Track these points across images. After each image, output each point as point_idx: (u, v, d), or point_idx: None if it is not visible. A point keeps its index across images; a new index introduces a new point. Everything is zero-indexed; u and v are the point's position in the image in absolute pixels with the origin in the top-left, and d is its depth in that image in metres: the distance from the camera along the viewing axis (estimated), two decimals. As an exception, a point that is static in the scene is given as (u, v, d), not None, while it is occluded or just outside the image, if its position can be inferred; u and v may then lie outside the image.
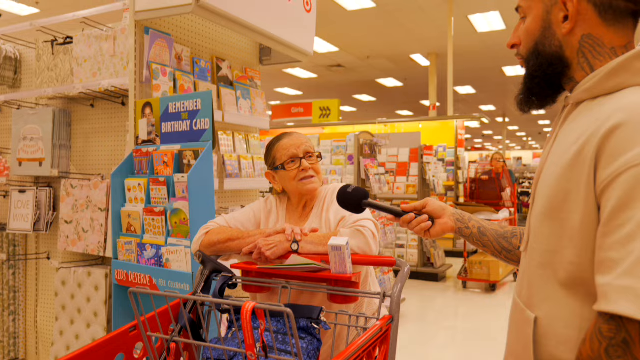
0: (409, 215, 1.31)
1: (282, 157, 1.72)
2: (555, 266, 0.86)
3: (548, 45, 0.94)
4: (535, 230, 0.91)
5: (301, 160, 1.70)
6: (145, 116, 2.18)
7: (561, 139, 0.91)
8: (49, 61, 2.97)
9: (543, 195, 0.89)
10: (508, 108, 20.64)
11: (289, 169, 1.70)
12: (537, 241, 0.90)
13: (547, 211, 0.88)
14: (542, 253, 0.89)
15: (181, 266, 1.92)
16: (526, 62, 0.99)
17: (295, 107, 14.20)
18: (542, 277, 0.89)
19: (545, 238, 0.88)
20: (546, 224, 0.88)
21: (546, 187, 0.89)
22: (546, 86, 0.96)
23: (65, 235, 2.88)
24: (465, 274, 6.50)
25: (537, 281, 0.90)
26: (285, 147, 1.73)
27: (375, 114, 21.58)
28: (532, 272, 0.92)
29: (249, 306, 1.03)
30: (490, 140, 34.32)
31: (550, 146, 0.94)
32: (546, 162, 0.93)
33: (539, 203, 0.91)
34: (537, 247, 0.91)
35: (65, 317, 2.86)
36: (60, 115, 2.95)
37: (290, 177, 1.71)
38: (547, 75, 0.95)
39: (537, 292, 0.90)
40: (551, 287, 0.87)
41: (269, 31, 2.57)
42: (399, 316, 1.27)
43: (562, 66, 0.94)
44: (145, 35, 2.23)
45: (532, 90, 0.98)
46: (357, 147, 4.90)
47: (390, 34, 10.55)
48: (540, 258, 0.90)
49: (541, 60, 0.95)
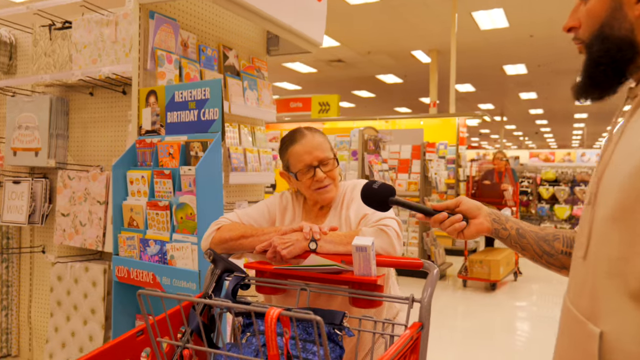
0: (441, 214, 1.21)
1: (295, 165, 1.59)
2: (625, 276, 0.76)
3: (617, 29, 0.84)
4: (601, 235, 0.81)
5: (315, 170, 1.57)
6: (149, 105, 2.06)
7: (631, 135, 0.81)
8: (46, 46, 2.84)
9: (611, 196, 0.79)
10: (506, 107, 20.59)
11: (302, 179, 1.58)
12: (604, 247, 0.81)
13: (617, 214, 0.78)
14: (610, 261, 0.79)
15: (187, 264, 1.81)
16: (588, 47, 0.89)
17: (294, 102, 14.07)
18: (610, 288, 0.79)
19: (614, 244, 0.78)
20: (616, 228, 0.78)
21: (615, 187, 0.79)
22: (612, 74, 0.86)
23: (62, 228, 2.76)
24: (465, 273, 6.43)
25: (604, 292, 0.80)
26: (299, 154, 1.58)
27: (373, 110, 21.47)
28: (596, 282, 0.82)
29: (274, 313, 0.93)
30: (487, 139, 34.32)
31: (615, 143, 0.84)
32: (611, 159, 0.83)
33: (605, 205, 0.81)
34: (603, 254, 0.81)
35: (60, 314, 2.75)
36: (58, 103, 2.83)
37: (304, 185, 1.60)
38: (615, 62, 0.85)
39: (603, 305, 0.80)
40: (620, 299, 0.77)
41: (278, 18, 2.46)
42: (429, 323, 1.17)
43: (632, 52, 0.84)
44: (150, 19, 2.12)
45: (596, 78, 0.87)
46: (362, 142, 4.80)
47: (392, 30, 10.43)
48: (607, 267, 0.80)
49: (608, 44, 0.85)
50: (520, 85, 15.93)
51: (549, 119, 23.90)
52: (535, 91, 16.88)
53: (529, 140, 35.92)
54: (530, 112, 21.62)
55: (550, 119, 23.84)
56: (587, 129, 27.27)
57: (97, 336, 2.58)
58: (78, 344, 2.66)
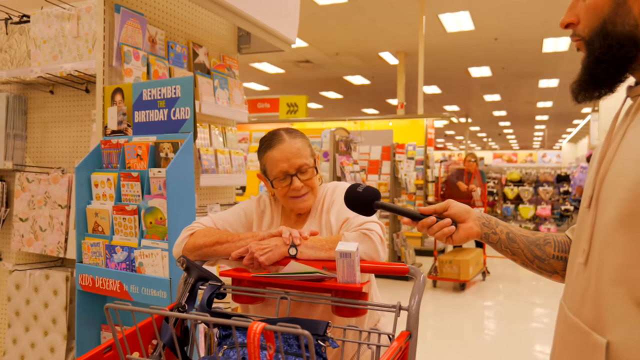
0: (429, 218, 1.16)
1: (271, 171, 1.51)
2: (632, 283, 0.73)
3: (620, 24, 0.81)
4: (606, 241, 0.78)
5: (292, 179, 1.50)
6: (115, 104, 1.95)
7: (634, 137, 0.77)
8: (3, 42, 2.67)
9: (617, 200, 0.76)
10: (471, 109, 20.99)
11: (278, 186, 1.51)
12: (609, 253, 0.77)
13: (623, 218, 0.74)
14: (615, 267, 0.76)
15: (157, 271, 1.71)
16: (588, 43, 0.85)
17: (262, 103, 13.96)
18: (616, 296, 0.75)
19: (620, 250, 0.75)
20: (621, 233, 0.75)
21: (621, 190, 0.75)
22: (614, 72, 0.83)
23: (20, 234, 2.60)
24: (435, 273, 6.47)
25: (609, 300, 0.76)
26: (275, 160, 1.50)
27: (341, 111, 21.51)
28: (600, 290, 0.78)
29: (258, 328, 0.86)
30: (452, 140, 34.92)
31: (617, 144, 0.81)
32: (613, 162, 0.79)
33: (610, 209, 0.77)
34: (608, 260, 0.77)
35: (19, 324, 2.59)
36: (15, 101, 2.67)
37: (280, 193, 1.53)
38: (617, 60, 0.81)
39: (609, 313, 0.76)
40: (627, 308, 0.74)
41: (250, 14, 2.38)
42: (417, 332, 1.12)
43: (636, 49, 0.81)
44: (116, 13, 2.01)
45: (597, 76, 0.84)
46: (333, 143, 4.75)
47: (360, 31, 10.45)
48: (612, 273, 0.76)
49: (610, 41, 0.81)
50: (484, 88, 16.25)
51: (511, 121, 24.50)
52: (499, 93, 17.26)
53: (492, 141, 36.74)
54: (494, 114, 22.11)
55: (513, 121, 24.45)
56: (547, 131, 28.12)
57: (59, 347, 2.44)
58: (38, 356, 2.51)
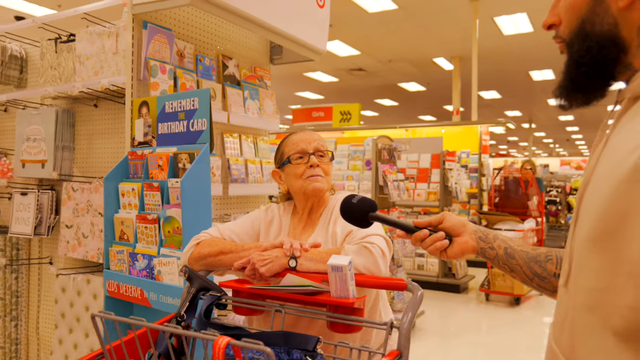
0: (422, 232, 1.11)
1: (290, 151, 1.58)
2: (607, 310, 0.65)
3: (599, 24, 0.74)
4: (580, 261, 0.71)
5: (310, 156, 1.55)
6: (141, 116, 2.03)
7: (615, 144, 0.70)
8: (52, 59, 2.86)
9: (590, 215, 0.69)
10: (535, 114, 20.12)
11: (295, 163, 1.55)
12: (582, 276, 0.70)
13: (596, 237, 0.67)
14: (588, 292, 0.69)
15: (173, 279, 1.75)
16: (568, 46, 0.79)
17: (316, 112, 14.06)
18: (589, 324, 0.68)
19: (593, 272, 0.68)
20: (595, 253, 0.67)
21: (595, 205, 0.68)
22: (595, 76, 0.75)
23: (66, 240, 2.76)
24: (487, 286, 6.22)
25: (582, 328, 0.69)
26: (295, 141, 1.59)
27: (397, 119, 21.29)
28: (575, 316, 0.71)
29: (222, 342, 0.85)
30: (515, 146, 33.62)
31: (599, 152, 0.74)
32: (594, 172, 0.72)
33: (584, 226, 0.70)
34: (581, 283, 0.70)
35: (64, 326, 2.74)
36: (64, 115, 2.84)
37: (295, 173, 1.55)
38: (596, 62, 0.74)
39: (583, 343, 0.69)
40: (602, 338, 0.66)
41: (280, 28, 2.40)
42: (408, 352, 1.08)
43: (616, 50, 0.73)
44: (144, 30, 2.09)
45: (577, 81, 0.77)
46: (375, 151, 4.69)
47: (412, 37, 10.31)
48: (585, 298, 0.69)
49: (589, 42, 0.74)
50: (548, 92, 15.52)
51: (580, 125, 23.21)
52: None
53: (559, 147, 35.01)
54: (560, 119, 21.06)
55: (581, 125, 23.16)
56: (620, 136, 26.36)
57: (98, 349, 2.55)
58: (80, 357, 2.64)
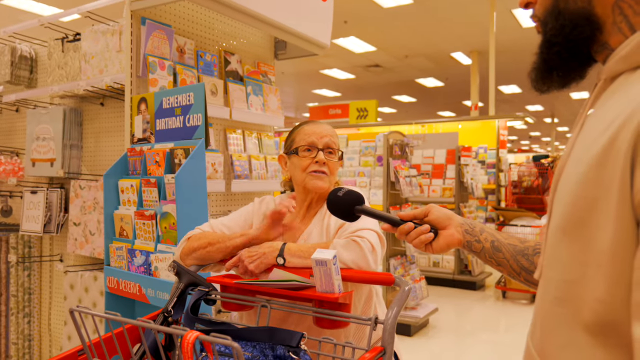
0: (407, 224, 1.08)
1: (299, 142, 1.54)
2: (576, 303, 0.61)
3: (572, 1, 0.69)
4: (551, 252, 0.67)
5: (318, 152, 1.51)
6: (140, 112, 2.03)
7: (589, 127, 0.66)
8: (60, 59, 2.89)
9: (562, 203, 0.65)
10: (557, 108, 19.71)
11: (302, 156, 1.52)
12: (553, 267, 0.66)
13: (565, 226, 0.63)
14: (558, 284, 0.64)
15: (169, 275, 1.75)
16: (542, 24, 0.74)
17: (333, 109, 14.03)
18: (559, 317, 0.64)
19: (562, 264, 0.63)
20: (565, 243, 0.63)
21: (567, 192, 0.64)
22: (569, 56, 0.71)
23: (74, 237, 2.79)
24: (504, 283, 6.11)
25: (552, 322, 0.65)
26: (307, 132, 1.54)
27: (415, 115, 21.10)
28: (546, 309, 0.67)
29: (191, 337, 0.83)
30: (538, 141, 33.02)
31: (574, 137, 0.69)
32: (569, 157, 0.68)
33: (557, 214, 0.66)
34: (552, 275, 0.66)
35: (72, 322, 2.77)
36: (71, 114, 2.87)
37: (300, 166, 1.52)
38: (570, 42, 0.70)
39: (553, 338, 0.65)
40: (571, 332, 0.62)
41: (283, 23, 2.38)
42: (392, 348, 1.04)
43: (590, 28, 0.68)
44: (142, 26, 2.09)
45: (551, 62, 0.73)
46: (387, 147, 4.63)
47: (429, 32, 10.19)
48: (555, 290, 0.65)
49: (562, 21, 0.70)
50: (570, 85, 15.17)
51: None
52: (588, 91, 16.04)
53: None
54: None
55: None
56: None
57: (104, 346, 2.57)
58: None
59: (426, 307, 4.85)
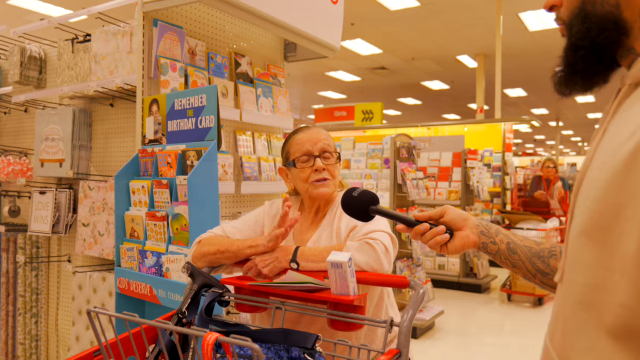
0: (422, 225, 1.07)
1: (295, 153, 1.53)
2: (600, 307, 0.61)
3: (599, 4, 0.69)
4: (574, 256, 0.67)
5: (315, 159, 1.50)
6: (152, 114, 2.04)
7: (613, 133, 0.65)
8: (69, 60, 2.90)
9: (585, 208, 0.65)
10: (562, 111, 19.66)
11: (300, 167, 1.51)
12: (576, 271, 0.66)
13: (589, 231, 0.63)
14: (581, 288, 0.64)
15: (181, 276, 1.75)
16: (568, 27, 0.74)
17: (338, 111, 14.01)
18: (582, 321, 0.64)
19: (586, 268, 0.63)
20: (589, 247, 0.63)
21: (590, 197, 0.64)
22: (594, 60, 0.71)
23: (83, 238, 2.80)
24: (509, 286, 6.09)
25: (575, 326, 0.65)
26: (300, 141, 1.53)
27: (421, 117, 21.08)
28: (568, 313, 0.67)
29: (211, 339, 0.83)
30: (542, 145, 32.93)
31: (597, 142, 0.69)
32: (591, 163, 0.68)
33: (579, 219, 0.66)
34: (574, 279, 0.66)
35: (81, 323, 2.78)
36: (81, 115, 2.88)
37: (301, 177, 1.51)
38: (596, 45, 0.70)
39: (575, 341, 0.65)
40: (594, 336, 0.62)
41: (294, 25, 2.38)
42: (407, 351, 1.04)
43: (617, 33, 0.68)
44: (154, 27, 2.10)
45: (576, 65, 0.72)
46: (394, 150, 4.63)
47: (435, 34, 10.18)
48: (578, 294, 0.65)
49: (589, 24, 0.70)
50: (575, 89, 15.12)
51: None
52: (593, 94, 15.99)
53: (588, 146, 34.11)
54: (588, 117, 20.53)
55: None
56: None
57: (113, 346, 2.58)
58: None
59: (432, 310, 4.84)
